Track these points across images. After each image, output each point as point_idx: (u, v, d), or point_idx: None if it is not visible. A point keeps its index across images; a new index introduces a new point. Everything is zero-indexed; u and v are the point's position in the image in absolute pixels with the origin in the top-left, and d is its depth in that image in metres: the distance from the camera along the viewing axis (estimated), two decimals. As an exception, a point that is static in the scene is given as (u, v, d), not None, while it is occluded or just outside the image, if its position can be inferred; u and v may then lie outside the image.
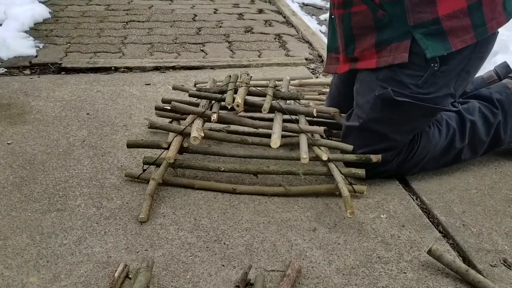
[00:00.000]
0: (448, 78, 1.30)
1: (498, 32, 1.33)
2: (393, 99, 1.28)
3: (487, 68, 1.60)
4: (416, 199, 1.35)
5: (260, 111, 1.40)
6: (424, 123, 1.37)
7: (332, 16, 1.44)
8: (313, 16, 3.47)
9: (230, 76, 1.56)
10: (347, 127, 1.40)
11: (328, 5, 3.83)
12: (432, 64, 1.26)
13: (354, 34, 1.35)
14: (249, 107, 1.44)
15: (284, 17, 3.30)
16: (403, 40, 1.27)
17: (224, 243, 1.14)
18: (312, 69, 2.34)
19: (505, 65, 1.63)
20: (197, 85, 1.97)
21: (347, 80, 1.50)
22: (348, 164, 1.38)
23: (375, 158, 1.33)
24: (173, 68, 2.29)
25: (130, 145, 1.41)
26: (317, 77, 2.20)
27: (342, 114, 1.49)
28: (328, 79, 2.09)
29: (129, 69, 2.26)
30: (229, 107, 1.40)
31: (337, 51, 1.46)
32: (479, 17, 1.24)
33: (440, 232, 1.22)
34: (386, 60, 1.30)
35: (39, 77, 2.13)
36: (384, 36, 1.30)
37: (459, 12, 1.23)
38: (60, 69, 2.23)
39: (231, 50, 2.60)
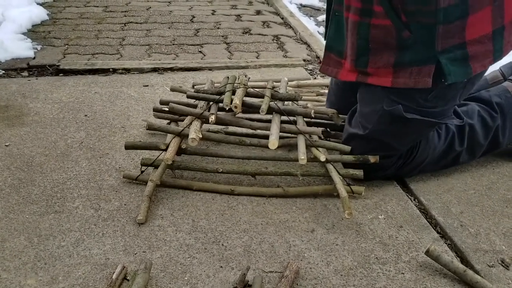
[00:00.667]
0: (456, 91, 1.28)
1: None
2: (403, 116, 1.26)
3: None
4: (414, 200, 1.35)
5: (258, 112, 1.40)
6: (427, 133, 1.37)
7: (337, 14, 1.34)
8: (311, 17, 3.47)
9: (228, 77, 1.56)
10: (350, 134, 1.37)
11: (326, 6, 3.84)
12: (442, 80, 1.23)
13: (370, 48, 1.26)
14: (247, 108, 1.44)
15: (282, 18, 3.30)
16: (427, 64, 1.21)
17: (222, 245, 1.14)
18: (310, 70, 2.34)
19: (511, 65, 1.60)
20: (195, 86, 1.97)
21: (347, 87, 1.48)
22: (346, 165, 1.38)
23: (373, 158, 1.33)
24: (171, 69, 2.29)
25: (128, 147, 1.41)
26: (315, 78, 2.20)
27: (340, 115, 1.49)
28: (326, 80, 2.10)
29: (127, 70, 2.26)
30: (227, 109, 1.40)
31: (340, 54, 1.36)
32: (499, 41, 1.23)
33: (438, 232, 1.22)
34: (406, 83, 1.24)
35: (37, 79, 2.13)
36: (406, 57, 1.23)
37: (485, 37, 1.21)
38: (58, 71, 2.23)
39: (229, 52, 2.60)
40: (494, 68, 1.62)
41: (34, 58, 2.38)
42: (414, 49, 1.22)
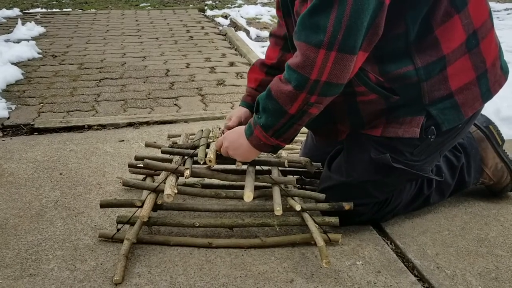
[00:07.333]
0: (440, 146, 1.34)
1: None
2: (391, 165, 1.30)
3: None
4: (391, 244, 1.37)
5: (233, 163, 1.42)
6: (406, 184, 1.41)
7: None
8: (283, 66, 3.56)
9: (202, 130, 1.58)
10: (331, 180, 1.39)
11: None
12: (429, 136, 1.28)
13: (363, 117, 1.32)
14: (222, 161, 1.45)
15: (255, 69, 3.38)
16: (417, 115, 1.27)
17: (201, 300, 1.13)
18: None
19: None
20: (170, 139, 1.98)
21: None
22: (322, 212, 1.40)
23: (347, 205, 1.35)
24: (147, 123, 2.31)
25: (103, 205, 1.40)
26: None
27: (314, 163, 1.52)
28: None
29: (102, 126, 2.27)
30: (201, 163, 1.42)
31: (330, 124, 1.39)
32: (485, 83, 1.28)
33: (415, 276, 1.23)
34: (395, 132, 1.29)
35: (11, 139, 2.13)
36: (396, 113, 1.29)
37: (470, 83, 1.26)
38: (32, 130, 2.23)
39: (204, 103, 2.64)
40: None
41: (8, 118, 2.38)
42: (404, 105, 1.27)
